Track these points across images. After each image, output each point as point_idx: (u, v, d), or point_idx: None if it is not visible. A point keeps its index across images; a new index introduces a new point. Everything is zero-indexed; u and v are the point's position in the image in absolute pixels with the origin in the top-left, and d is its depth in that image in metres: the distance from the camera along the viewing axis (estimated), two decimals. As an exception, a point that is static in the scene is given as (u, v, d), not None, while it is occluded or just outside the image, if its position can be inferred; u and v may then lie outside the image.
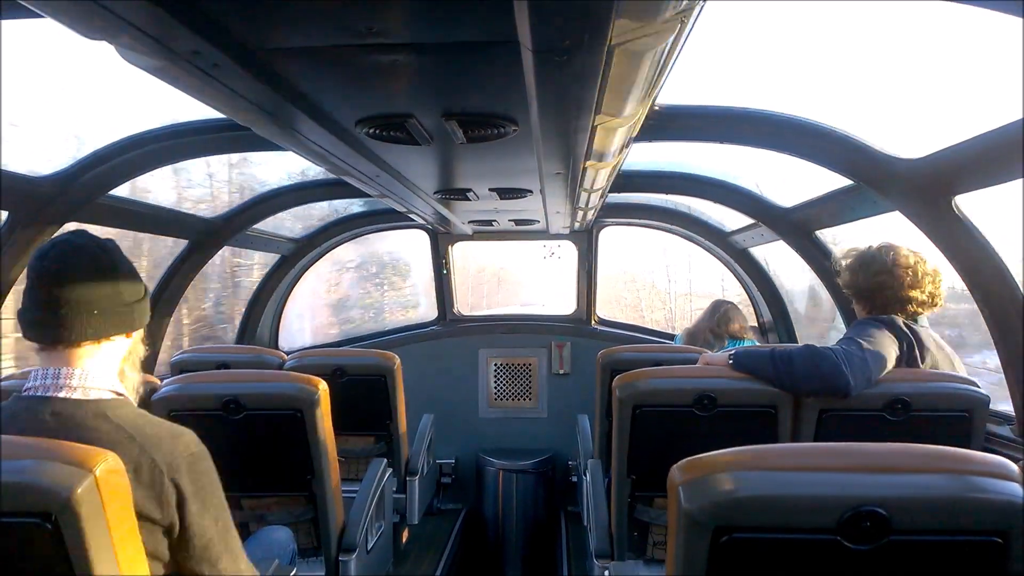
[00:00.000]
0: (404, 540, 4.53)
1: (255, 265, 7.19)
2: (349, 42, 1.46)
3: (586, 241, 5.72)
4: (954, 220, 2.57)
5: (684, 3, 1.29)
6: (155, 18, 1.27)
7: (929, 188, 2.59)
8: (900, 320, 2.64)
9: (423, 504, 4.50)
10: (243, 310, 5.67)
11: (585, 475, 3.83)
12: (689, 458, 1.43)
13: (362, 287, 10.07)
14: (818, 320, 5.26)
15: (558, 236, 5.68)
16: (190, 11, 1.29)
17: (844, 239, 4.25)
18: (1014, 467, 1.35)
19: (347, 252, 8.16)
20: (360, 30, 1.39)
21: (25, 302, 1.64)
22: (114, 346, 1.71)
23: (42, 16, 1.30)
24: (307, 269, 5.96)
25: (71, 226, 3.06)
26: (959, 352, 2.78)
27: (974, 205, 2.58)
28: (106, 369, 1.69)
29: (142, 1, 1.20)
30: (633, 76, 1.61)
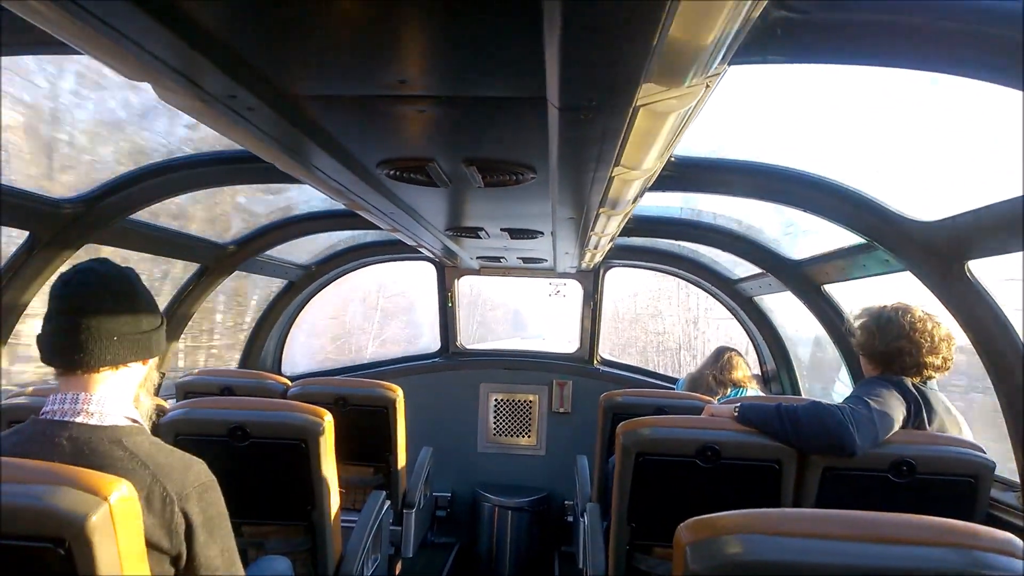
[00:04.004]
0: (397, 573, 4.49)
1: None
2: (380, 92, 1.49)
3: (592, 281, 5.74)
4: (967, 285, 2.57)
5: (712, 69, 1.32)
6: (197, 64, 1.30)
7: (943, 251, 2.60)
8: (909, 382, 2.64)
9: (418, 537, 4.46)
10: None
11: (583, 517, 3.80)
12: (696, 518, 1.43)
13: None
14: (822, 371, 5.25)
15: (565, 275, 5.70)
16: (231, 58, 1.33)
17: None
18: (1020, 543, 1.36)
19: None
20: (392, 82, 1.42)
21: (46, 327, 1.66)
22: (131, 373, 1.72)
23: (81, 53, 1.34)
24: (313, 296, 5.97)
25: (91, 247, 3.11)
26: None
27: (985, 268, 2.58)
28: (122, 396, 1.70)
29: (185, 47, 1.24)
30: (655, 134, 1.64)
